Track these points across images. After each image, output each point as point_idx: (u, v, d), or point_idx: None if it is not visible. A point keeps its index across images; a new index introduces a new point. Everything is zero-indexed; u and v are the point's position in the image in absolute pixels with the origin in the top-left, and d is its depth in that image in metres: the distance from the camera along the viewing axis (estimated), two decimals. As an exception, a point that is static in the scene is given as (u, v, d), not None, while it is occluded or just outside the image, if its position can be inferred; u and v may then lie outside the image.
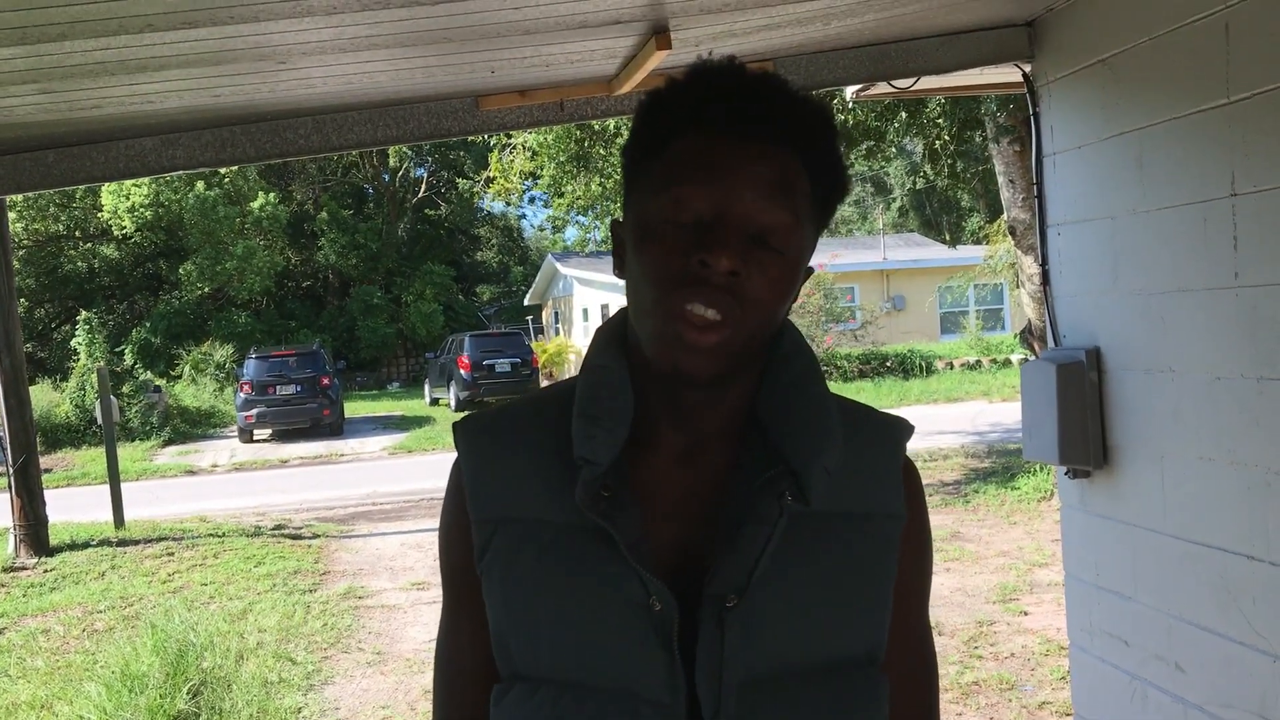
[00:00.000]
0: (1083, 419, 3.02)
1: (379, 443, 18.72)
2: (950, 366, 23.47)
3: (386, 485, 13.61)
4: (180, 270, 30.57)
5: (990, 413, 16.43)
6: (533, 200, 36.86)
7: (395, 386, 32.33)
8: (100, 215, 30.38)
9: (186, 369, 26.41)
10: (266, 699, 5.56)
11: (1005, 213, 9.48)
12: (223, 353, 26.86)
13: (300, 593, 8.06)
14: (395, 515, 11.56)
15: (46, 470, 12.96)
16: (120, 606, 7.87)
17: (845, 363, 22.38)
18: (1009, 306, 28.33)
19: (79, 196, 29.69)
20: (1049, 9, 3.12)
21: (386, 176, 38.18)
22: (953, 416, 16.17)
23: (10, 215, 20.78)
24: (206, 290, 30.93)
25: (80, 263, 32.85)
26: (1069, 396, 3.02)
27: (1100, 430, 3.02)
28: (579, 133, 11.13)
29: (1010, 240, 10.20)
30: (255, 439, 20.06)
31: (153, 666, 5.46)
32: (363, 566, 8.99)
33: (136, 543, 10.14)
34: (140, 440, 19.74)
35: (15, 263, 17.75)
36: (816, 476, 1.03)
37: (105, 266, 33.23)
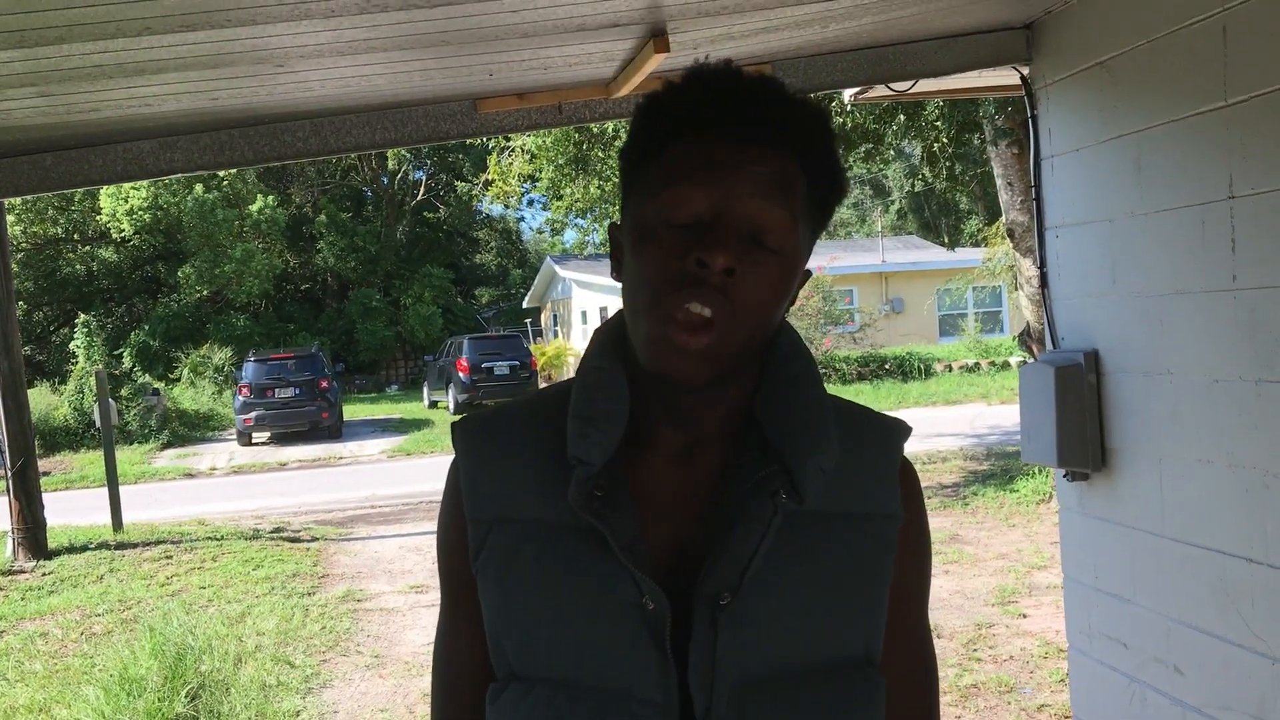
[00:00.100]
0: (1081, 421, 3.02)
1: (378, 445, 18.72)
2: (949, 369, 23.48)
3: (385, 488, 13.60)
4: (179, 273, 30.57)
5: (989, 415, 16.43)
6: (531, 203, 36.87)
7: (394, 389, 32.32)
8: (99, 218, 30.38)
9: (185, 372, 26.41)
10: (265, 702, 5.55)
11: (1004, 215, 9.49)
12: (221, 355, 26.86)
13: (299, 596, 8.06)
14: (394, 518, 11.55)
15: (45, 473, 12.94)
16: (118, 610, 7.86)
17: (844, 365, 22.40)
18: (1007, 309, 28.35)
19: (77, 199, 29.68)
20: (1047, 12, 3.12)
21: (385, 179, 38.19)
22: (951, 419, 16.17)
23: (9, 218, 20.76)
24: (205, 293, 30.93)
25: (79, 265, 32.84)
26: (1067, 399, 3.02)
27: (1099, 433, 3.02)
28: (577, 135, 11.13)
29: (1009, 243, 10.21)
30: (254, 442, 20.07)
31: (151, 670, 5.46)
32: (361, 569, 8.99)
33: (135, 546, 10.13)
34: (139, 443, 19.73)
35: (14, 265, 17.77)
36: (811, 475, 1.03)
37: (104, 269, 33.23)
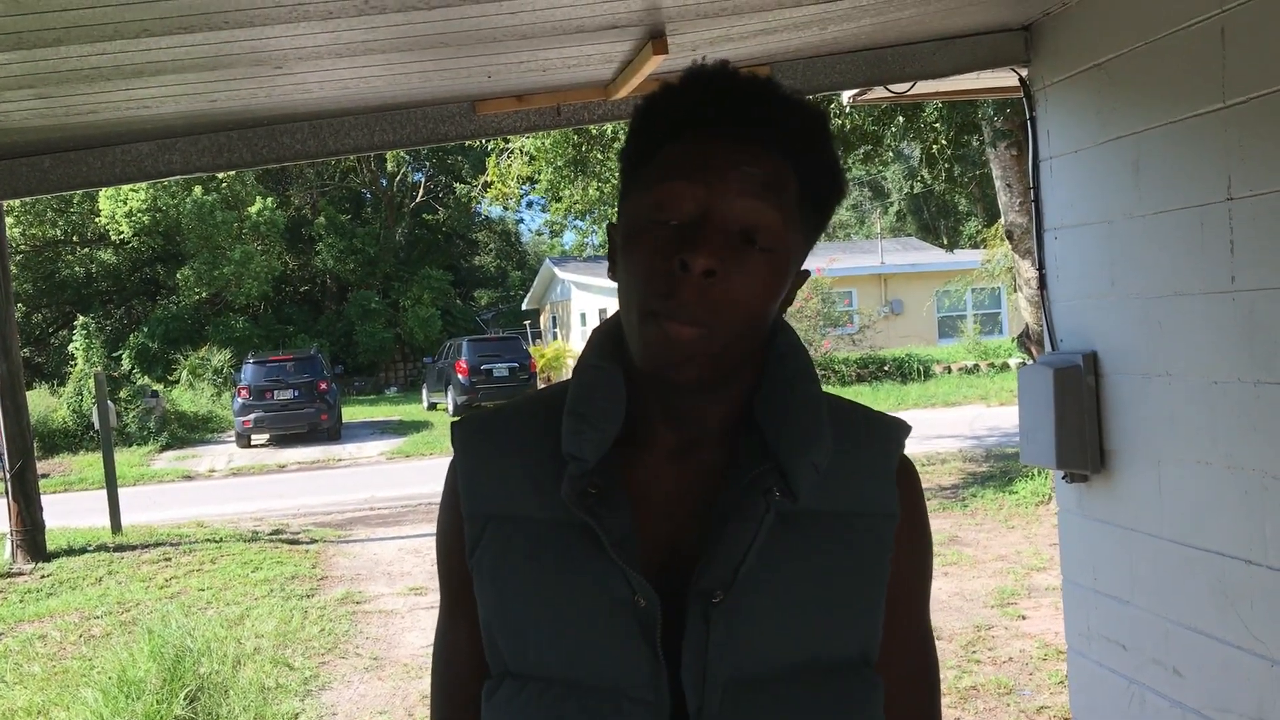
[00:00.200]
0: (1080, 423, 3.02)
1: (377, 447, 18.71)
2: (948, 371, 23.48)
3: (384, 490, 13.60)
4: (178, 275, 30.57)
5: (988, 417, 16.43)
6: (530, 205, 36.84)
7: (393, 391, 32.31)
8: (98, 220, 30.38)
9: (184, 374, 26.40)
10: (264, 704, 5.54)
11: (1002, 217, 9.49)
12: (220, 358, 26.86)
13: (298, 598, 8.05)
14: (393, 520, 11.55)
15: (43, 475, 12.93)
16: (117, 612, 7.85)
17: (843, 367, 22.40)
18: (1006, 310, 28.35)
19: (76, 201, 29.68)
20: (1045, 13, 3.12)
21: (384, 181, 38.19)
22: (950, 421, 16.17)
23: (7, 220, 20.75)
24: (204, 295, 30.92)
25: (78, 268, 32.83)
26: (1066, 401, 3.03)
27: (1097, 434, 3.02)
28: (576, 137, 11.13)
29: (1007, 244, 10.22)
30: (253, 444, 20.06)
31: (150, 672, 5.45)
32: (360, 571, 8.98)
33: (134, 548, 10.12)
34: (138, 445, 19.72)
35: (12, 267, 17.78)
36: (805, 474, 1.03)
37: (103, 271, 33.22)
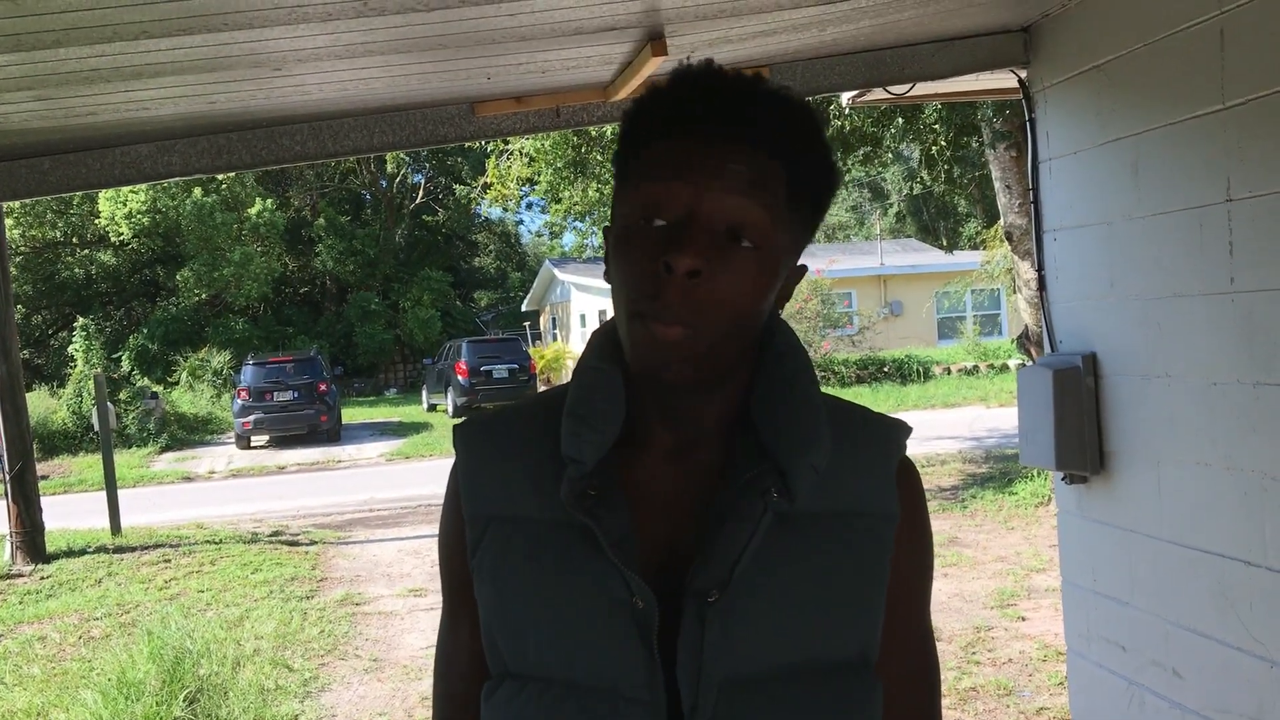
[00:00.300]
0: (1079, 424, 3.02)
1: (376, 449, 18.70)
2: (948, 372, 23.48)
3: (384, 491, 13.59)
4: (177, 276, 30.56)
5: (988, 418, 16.43)
6: (530, 206, 36.85)
7: (393, 392, 32.31)
8: (97, 221, 30.37)
9: (184, 375, 26.39)
10: (263, 706, 5.54)
11: (1002, 218, 9.49)
12: (220, 359, 26.85)
13: (297, 599, 8.04)
14: (392, 521, 11.54)
15: (43, 477, 12.92)
16: (117, 613, 7.85)
17: (843, 368, 22.40)
18: (1006, 312, 28.35)
19: (76, 203, 29.68)
20: (1044, 15, 3.12)
21: (384, 182, 38.19)
22: (950, 422, 16.16)
23: (7, 221, 20.74)
24: (204, 296, 30.92)
25: (77, 269, 32.83)
26: (1066, 402, 3.03)
27: (1097, 436, 3.02)
28: (576, 139, 11.13)
29: (1007, 245, 10.22)
30: (252, 445, 20.05)
31: (149, 674, 5.45)
32: (360, 573, 8.98)
33: (133, 549, 10.12)
34: (137, 447, 19.71)
35: (12, 269, 17.79)
36: (803, 474, 1.03)
37: (102, 273, 33.22)
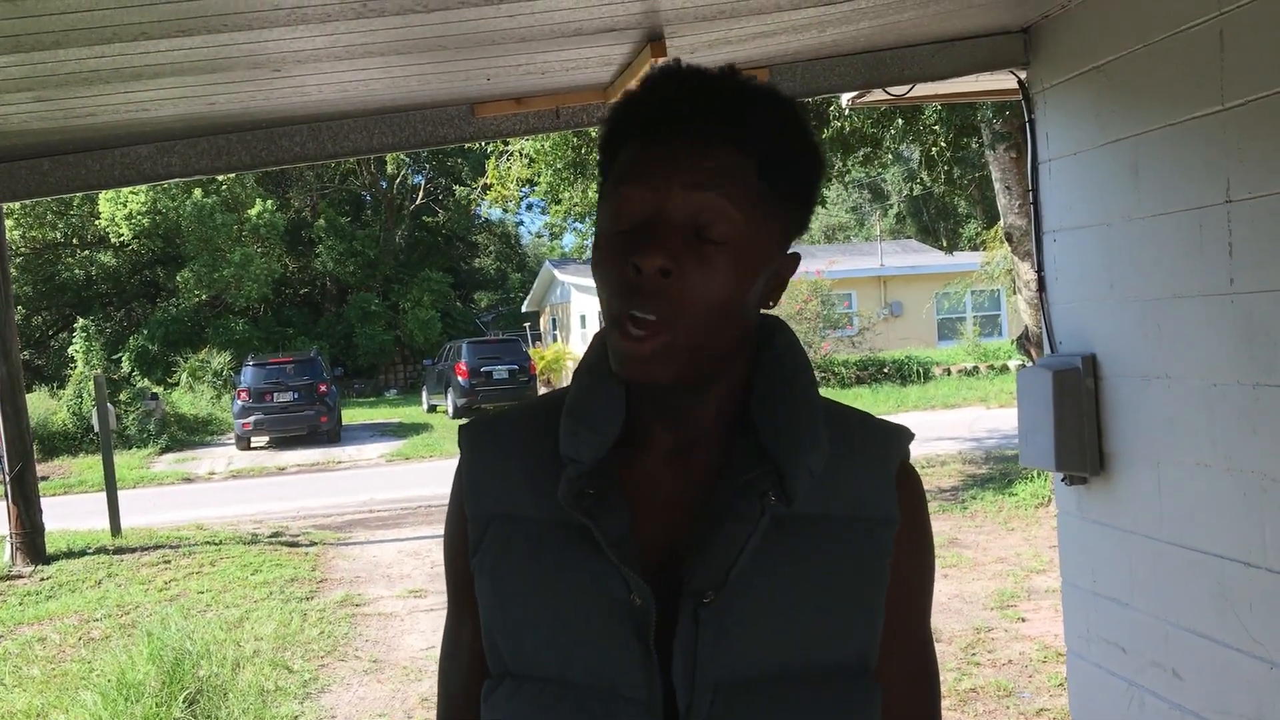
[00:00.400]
0: (1079, 425, 3.02)
1: (376, 450, 18.70)
2: (948, 373, 23.48)
3: (384, 492, 13.59)
4: (178, 277, 30.56)
5: (988, 419, 16.43)
6: (530, 207, 36.89)
7: (393, 393, 32.30)
8: (98, 222, 30.38)
9: (184, 376, 26.39)
10: (263, 707, 5.54)
11: (1002, 219, 9.49)
12: (220, 360, 26.85)
13: (297, 600, 8.04)
14: (392, 522, 11.54)
15: (43, 478, 12.91)
16: (117, 615, 7.85)
17: (843, 369, 22.40)
18: (1006, 312, 28.35)
19: (76, 204, 29.69)
20: (1044, 16, 3.12)
21: (384, 183, 38.20)
22: (950, 423, 16.16)
23: (7, 222, 20.73)
24: (204, 297, 30.92)
25: (78, 270, 32.83)
26: (1065, 403, 3.02)
27: (1097, 437, 3.02)
28: (576, 140, 11.13)
29: (1007, 246, 10.22)
30: (252, 446, 20.05)
31: (149, 675, 5.45)
32: (360, 574, 8.98)
33: (133, 551, 10.12)
34: (137, 448, 19.70)
35: (12, 270, 17.80)
36: (800, 477, 1.03)
37: (103, 274, 33.22)
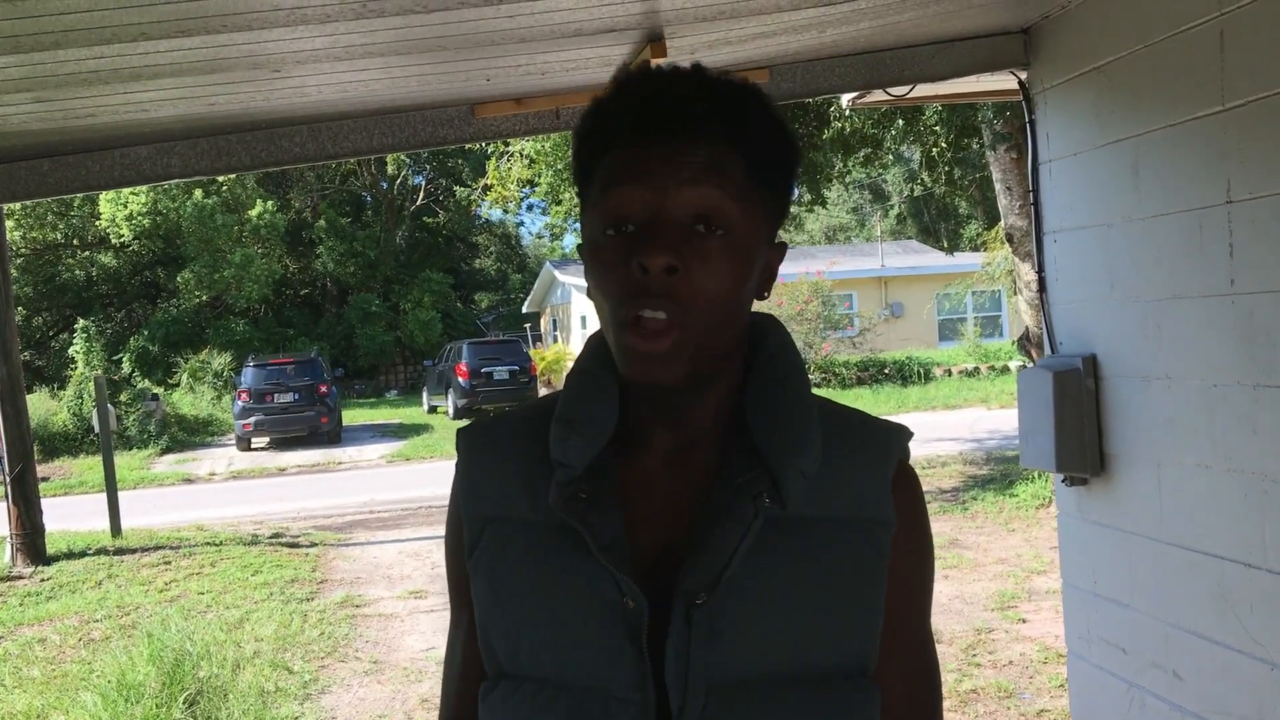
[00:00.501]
0: (1080, 426, 3.02)
1: (377, 450, 18.70)
2: (948, 373, 23.47)
3: (384, 493, 13.59)
4: (178, 278, 30.57)
5: (988, 419, 16.42)
6: (530, 208, 36.88)
7: (393, 394, 32.30)
8: (98, 223, 30.39)
9: (184, 377, 26.39)
10: (263, 708, 5.54)
11: (1002, 220, 9.49)
12: (221, 361, 26.85)
13: (297, 601, 8.04)
14: (393, 523, 11.54)
15: (43, 479, 12.91)
16: (117, 615, 7.85)
17: (843, 370, 22.39)
18: (1007, 313, 28.33)
19: (77, 204, 29.70)
20: (1044, 16, 3.12)
21: (385, 184, 38.21)
22: (951, 423, 16.16)
23: (8, 223, 20.73)
24: (204, 298, 30.92)
25: (78, 271, 32.83)
26: (1066, 404, 3.02)
27: (1097, 438, 3.02)
28: (576, 140, 11.12)
29: (1008, 247, 10.21)
30: (253, 447, 20.05)
31: (149, 676, 5.45)
32: (360, 575, 8.98)
33: (133, 551, 10.12)
34: (138, 449, 19.70)
35: (13, 270, 17.80)
36: (792, 479, 1.03)
37: (103, 274, 33.22)
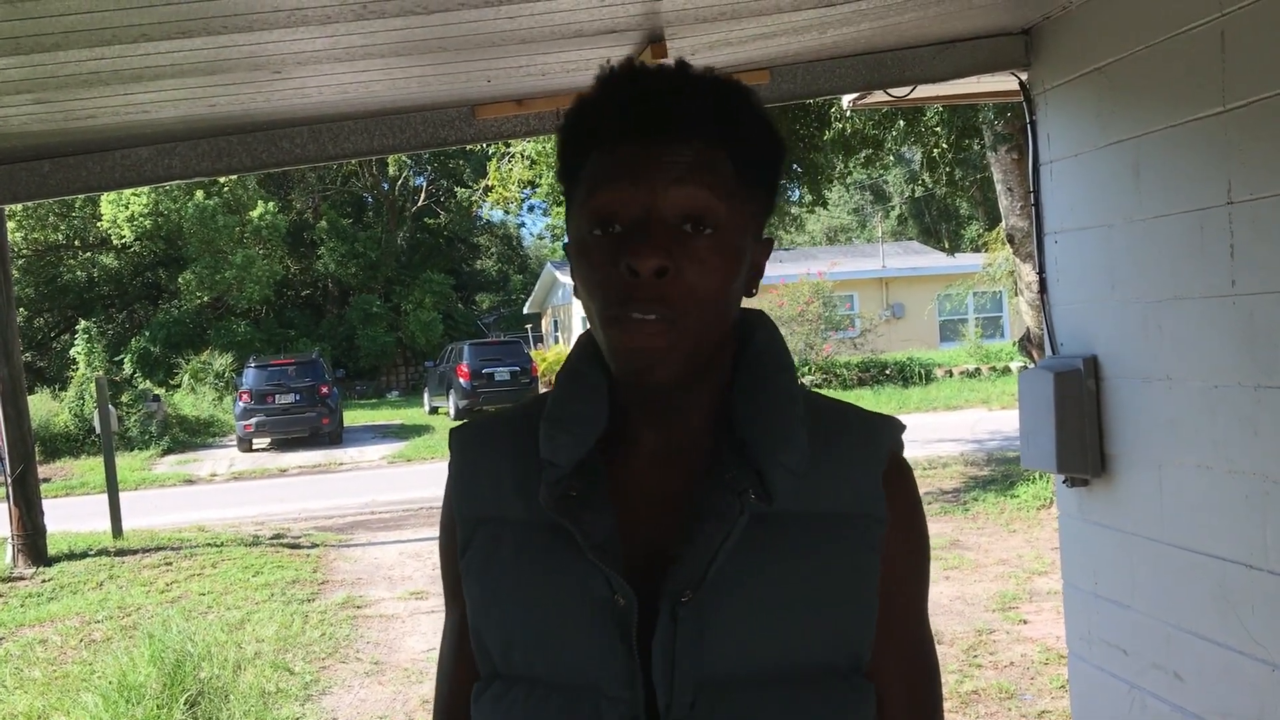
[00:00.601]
0: (1080, 427, 3.02)
1: (378, 451, 18.70)
2: (949, 374, 23.46)
3: (385, 494, 13.59)
4: (179, 279, 30.57)
5: (989, 420, 16.41)
6: (531, 209, 36.84)
7: (394, 395, 32.30)
8: (99, 224, 30.40)
9: (185, 378, 26.38)
10: (264, 709, 5.54)
11: (1004, 220, 9.49)
12: (222, 362, 26.85)
13: (298, 602, 8.04)
14: (394, 524, 11.54)
15: (45, 480, 12.92)
16: (118, 616, 7.85)
17: (844, 371, 22.39)
18: (1008, 314, 28.33)
19: (78, 206, 29.71)
20: (1045, 17, 3.12)
21: (386, 185, 38.21)
22: (952, 424, 16.15)
23: (9, 224, 20.75)
24: (206, 299, 30.92)
25: (79, 272, 32.84)
26: (1067, 405, 3.02)
27: (1098, 438, 3.01)
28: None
29: (1009, 248, 10.21)
30: (254, 448, 20.04)
31: (150, 677, 5.44)
32: (361, 576, 8.98)
33: (135, 552, 10.12)
34: (139, 449, 19.71)
35: (14, 272, 17.81)
36: (778, 475, 1.03)
37: (104, 275, 33.23)
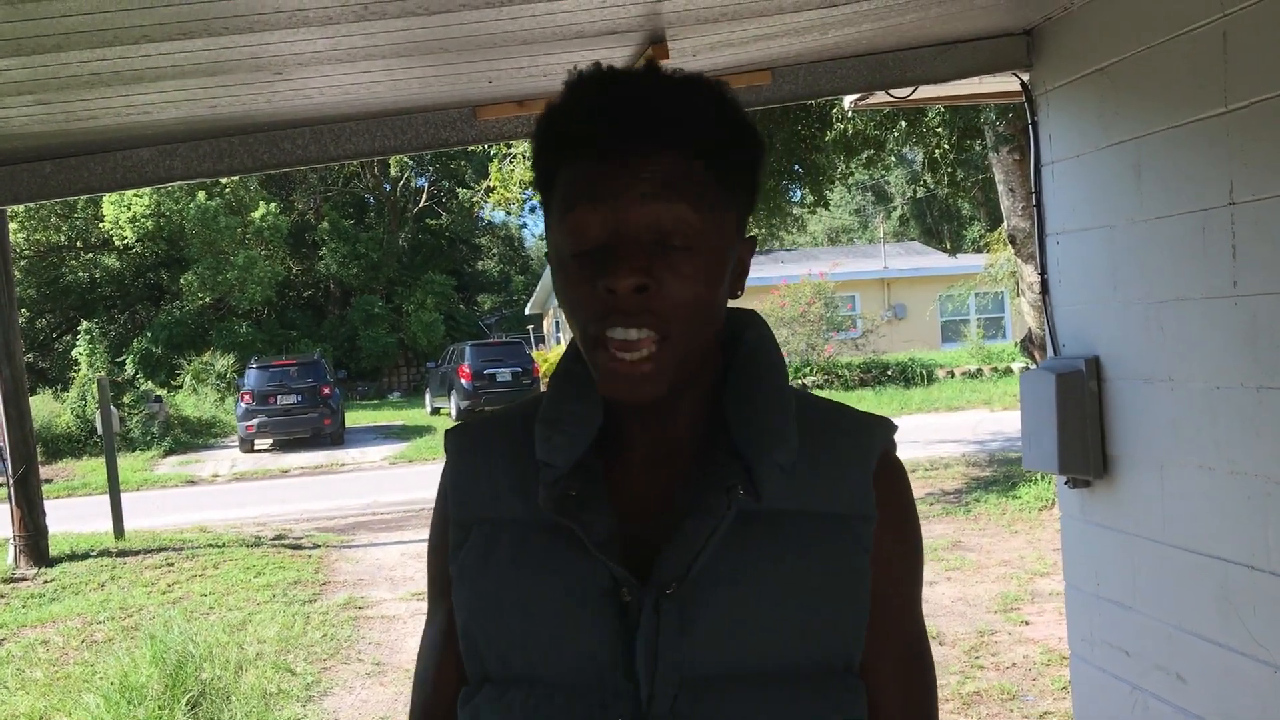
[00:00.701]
0: (1082, 428, 3.01)
1: (380, 452, 18.70)
2: (951, 375, 23.45)
3: (387, 495, 13.59)
4: (181, 280, 30.59)
5: (991, 421, 16.40)
6: (533, 209, 36.70)
7: (396, 396, 32.32)
8: (101, 225, 30.41)
9: (187, 379, 26.40)
10: (266, 710, 5.54)
11: (1005, 221, 9.48)
12: (224, 363, 26.86)
13: (300, 603, 8.04)
14: (396, 525, 11.54)
15: (47, 480, 12.94)
16: (120, 617, 7.85)
17: (846, 371, 22.38)
18: (1010, 315, 28.33)
19: (80, 207, 29.72)
20: (1047, 18, 3.11)
21: (388, 186, 38.24)
22: (954, 425, 16.14)
23: (11, 225, 20.77)
24: (207, 300, 30.94)
25: (81, 273, 32.86)
26: (1068, 406, 3.02)
27: (1100, 439, 3.01)
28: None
29: (1011, 249, 10.20)
30: (256, 449, 20.04)
31: (152, 678, 5.45)
32: (363, 577, 8.98)
33: (136, 553, 10.13)
34: (141, 450, 19.72)
35: (16, 273, 17.81)
36: (768, 473, 1.03)
37: (106, 276, 33.26)
